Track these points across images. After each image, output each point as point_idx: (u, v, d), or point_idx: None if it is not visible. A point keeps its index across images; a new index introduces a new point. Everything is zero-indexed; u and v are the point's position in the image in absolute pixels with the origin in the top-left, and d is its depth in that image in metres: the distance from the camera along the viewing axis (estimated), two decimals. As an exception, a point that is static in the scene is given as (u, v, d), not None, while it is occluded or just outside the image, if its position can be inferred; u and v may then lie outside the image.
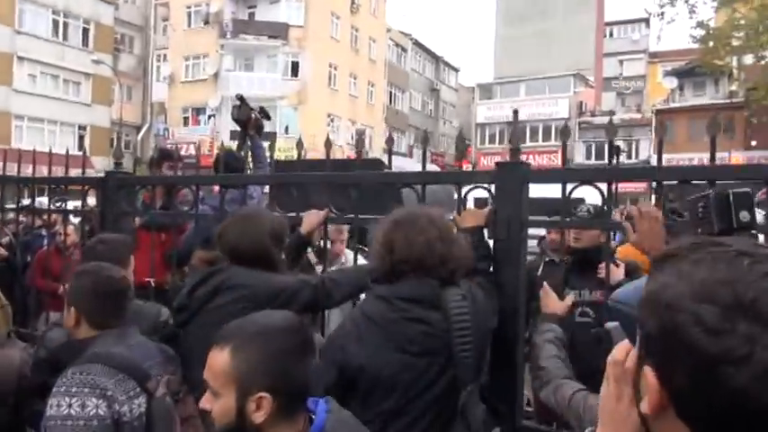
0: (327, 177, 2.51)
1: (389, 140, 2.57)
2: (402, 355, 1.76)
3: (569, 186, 2.07)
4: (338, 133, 27.78)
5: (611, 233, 2.56)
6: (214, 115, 27.52)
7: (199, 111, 29.10)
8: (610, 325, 0.95)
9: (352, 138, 28.89)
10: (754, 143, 21.67)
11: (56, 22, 27.26)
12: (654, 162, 1.90)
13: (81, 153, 3.79)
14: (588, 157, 28.63)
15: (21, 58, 25.75)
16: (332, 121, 29.20)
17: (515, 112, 2.24)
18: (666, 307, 0.63)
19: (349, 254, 3.48)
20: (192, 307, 2.13)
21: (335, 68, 29.83)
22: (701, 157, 21.60)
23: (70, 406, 1.63)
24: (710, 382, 0.59)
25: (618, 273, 2.69)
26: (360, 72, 31.83)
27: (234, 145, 3.96)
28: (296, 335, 1.29)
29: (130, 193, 3.20)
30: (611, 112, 31.09)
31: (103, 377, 1.70)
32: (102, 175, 3.28)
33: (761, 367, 0.57)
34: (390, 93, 35.35)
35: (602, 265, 2.38)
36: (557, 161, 28.45)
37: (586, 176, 2.04)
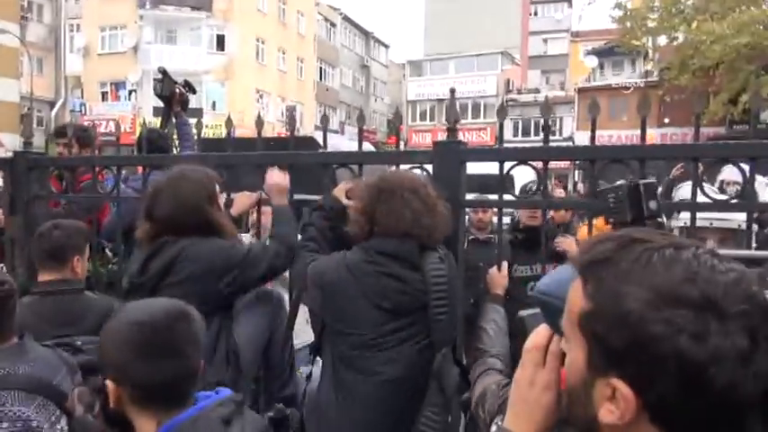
0: (261, 158, 2.41)
1: (325, 119, 2.50)
2: (374, 311, 1.80)
3: (506, 165, 2.09)
4: (268, 110, 27.11)
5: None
6: (135, 90, 26.19)
7: (118, 85, 27.59)
8: (523, 313, 0.98)
9: (283, 114, 28.30)
10: (667, 120, 22.88)
11: (-49, -13, 24.97)
12: (577, 139, 1.94)
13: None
14: (515, 134, 29.36)
15: None
16: (261, 97, 28.44)
17: (452, 91, 2.22)
18: (637, 319, 0.62)
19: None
20: (147, 286, 2.01)
21: (263, 42, 28.98)
22: (619, 134, 22.63)
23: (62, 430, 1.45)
24: (702, 385, 0.60)
25: (572, 245, 2.80)
26: (288, 47, 31.07)
27: (157, 122, 3.75)
28: (152, 333, 1.22)
29: (43, 175, 2.97)
30: (537, 90, 32.03)
31: (22, 405, 1.50)
32: (10, 155, 3.02)
33: (740, 358, 0.59)
34: (320, 69, 34.78)
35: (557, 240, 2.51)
36: (486, 138, 29.08)
37: (523, 156, 2.05)
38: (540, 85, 32.89)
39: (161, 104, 3.60)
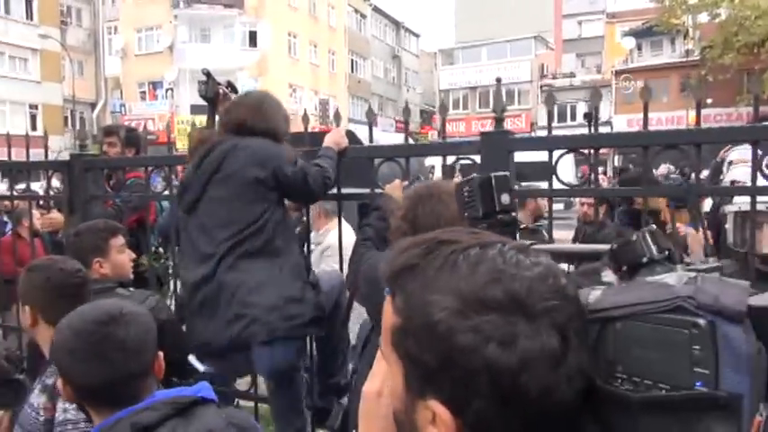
0: (311, 153, 2.45)
1: (370, 112, 2.52)
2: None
3: (556, 154, 2.08)
4: (301, 103, 27.32)
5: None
6: (172, 89, 26.70)
7: (156, 85, 28.18)
8: None
9: (316, 108, 28.48)
10: (709, 101, 22.20)
11: (-5, -5, 25.86)
12: (615, 124, 1.91)
13: (36, 133, 3.62)
14: (551, 120, 28.90)
15: (-39, 35, 24.43)
16: (294, 91, 28.67)
17: (498, 81, 2.23)
18: (444, 331, 0.56)
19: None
20: (197, 184, 2.16)
21: (295, 37, 29.17)
22: (659, 117, 22.01)
23: (65, 411, 1.57)
24: (517, 394, 0.55)
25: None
26: (320, 40, 31.20)
27: (195, 119, 3.83)
28: (81, 339, 1.31)
29: (98, 176, 3.09)
30: (572, 74, 31.38)
31: None
32: (54, 155, 3.15)
33: (551, 358, 0.55)
34: (352, 61, 34.83)
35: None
36: (521, 125, 28.67)
37: (572, 144, 2.03)
38: (576, 69, 32.22)
39: (198, 103, 3.68)
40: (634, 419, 0.59)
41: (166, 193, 2.82)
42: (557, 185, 2.09)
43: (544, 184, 2.09)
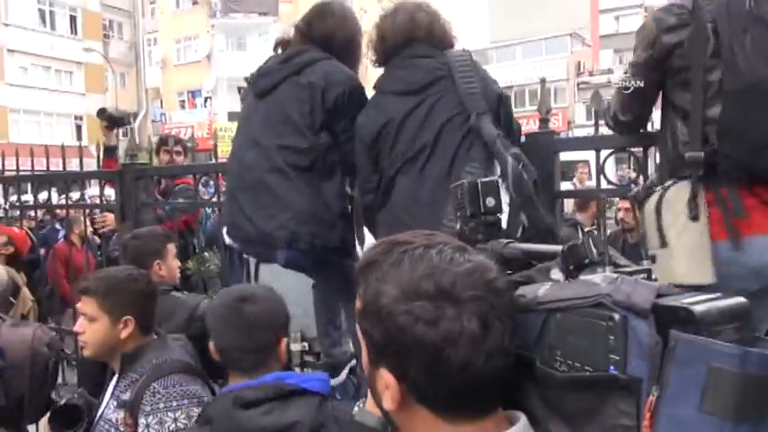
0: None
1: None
2: (401, 98, 1.92)
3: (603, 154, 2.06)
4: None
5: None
6: (210, 97, 27.28)
7: (194, 93, 28.85)
8: None
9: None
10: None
11: (42, 12, 26.85)
12: (656, 119, 1.88)
13: (80, 144, 3.77)
14: (588, 118, 28.41)
15: (10, 51, 25.43)
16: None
17: (543, 81, 2.20)
18: (387, 314, 0.70)
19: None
20: (281, 74, 2.12)
21: (329, 42, 29.46)
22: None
23: (176, 420, 1.59)
24: (441, 365, 0.68)
25: None
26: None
27: (234, 126, 3.93)
28: (225, 309, 1.58)
29: (149, 184, 3.19)
30: (610, 71, 30.77)
31: (195, 385, 1.69)
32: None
33: (471, 338, 0.68)
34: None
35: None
36: (558, 123, 28.26)
37: (621, 143, 2.01)
38: (614, 65, 31.58)
39: (235, 110, 3.77)
40: (561, 395, 0.72)
41: (214, 200, 2.89)
42: (604, 185, 2.07)
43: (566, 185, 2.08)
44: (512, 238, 1.79)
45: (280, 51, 2.30)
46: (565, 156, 2.17)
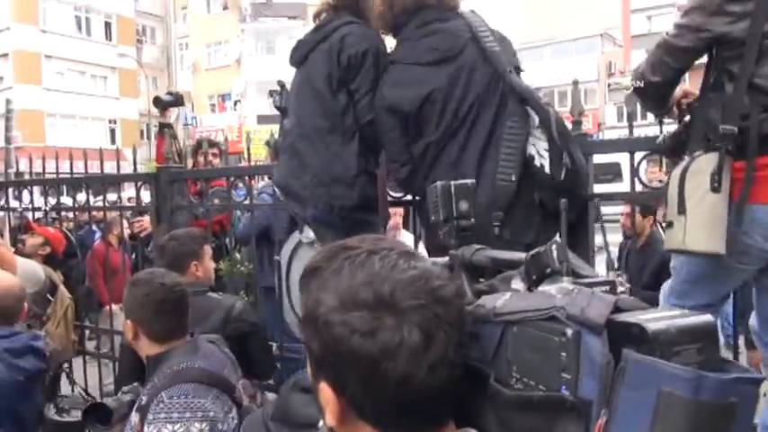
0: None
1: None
2: (438, 67, 1.91)
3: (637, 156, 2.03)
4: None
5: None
6: (239, 101, 27.64)
7: (224, 97, 29.27)
8: None
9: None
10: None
11: (78, 19, 27.60)
12: None
13: (117, 148, 3.87)
14: (620, 120, 27.99)
15: (48, 57, 26.20)
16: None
17: (575, 83, 2.19)
18: (323, 324, 0.66)
19: (406, 234, 3.49)
20: (313, 41, 2.15)
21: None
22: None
23: None
24: (379, 378, 0.63)
25: None
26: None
27: (263, 129, 3.98)
28: None
29: (183, 187, 3.25)
30: (641, 64, 30.15)
31: (201, 398, 1.61)
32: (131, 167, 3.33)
33: (411, 350, 0.63)
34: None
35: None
36: (588, 125, 27.87)
37: (654, 146, 1.98)
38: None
39: (264, 113, 3.83)
40: (511, 415, 0.67)
41: (246, 202, 2.94)
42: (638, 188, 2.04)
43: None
44: (556, 181, 1.83)
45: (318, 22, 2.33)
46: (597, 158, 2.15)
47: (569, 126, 2.10)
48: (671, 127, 2.02)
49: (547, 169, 1.85)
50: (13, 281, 2.23)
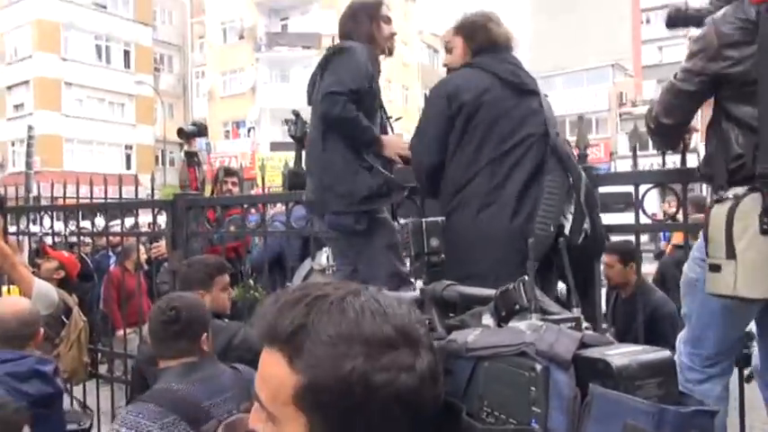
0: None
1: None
2: (510, 90, 2.08)
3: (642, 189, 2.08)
4: (375, 138, 27.89)
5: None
6: (253, 128, 27.99)
7: (239, 124, 29.67)
8: None
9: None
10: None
11: (98, 47, 28.26)
12: (701, 151, 1.90)
13: (135, 175, 3.97)
14: (635, 155, 27.95)
15: (68, 84, 26.79)
16: (368, 126, 29.34)
17: (580, 118, 2.26)
18: (359, 378, 0.64)
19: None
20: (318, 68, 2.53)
21: (369, 74, 29.99)
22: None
23: None
24: (420, 407, 0.67)
25: None
26: (394, 76, 31.88)
27: (275, 157, 4.07)
28: None
29: (198, 214, 3.33)
30: (653, 101, 30.27)
31: (149, 420, 1.61)
32: (148, 193, 3.42)
33: (433, 372, 0.67)
34: (425, 95, 35.17)
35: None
36: (600, 154, 27.91)
37: (661, 178, 2.03)
38: (657, 95, 31.15)
39: (277, 140, 3.93)
40: None
41: (259, 229, 3.01)
42: (643, 220, 2.09)
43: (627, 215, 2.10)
44: (573, 243, 1.89)
45: None
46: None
47: (576, 158, 2.17)
48: (675, 157, 2.08)
49: (566, 230, 1.92)
50: (22, 305, 2.24)
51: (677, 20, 1.97)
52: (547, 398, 0.64)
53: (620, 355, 0.63)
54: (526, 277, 0.82)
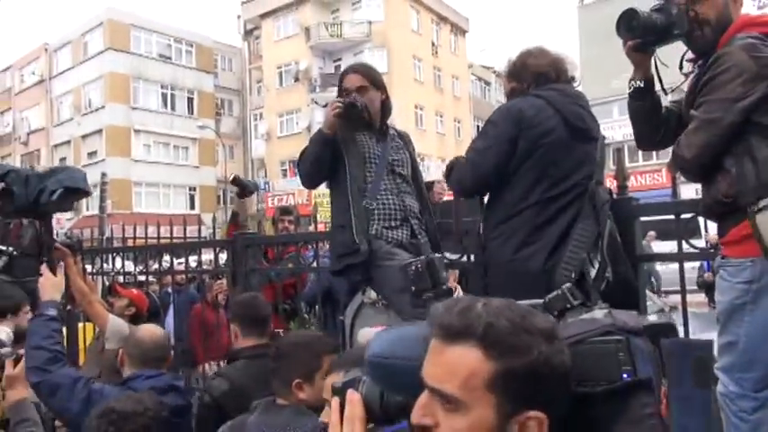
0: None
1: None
2: (574, 130, 2.11)
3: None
4: (428, 172, 28.07)
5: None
6: (309, 166, 28.65)
7: (295, 163, 30.41)
8: (338, 382, 1.05)
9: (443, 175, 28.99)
10: None
11: (164, 96, 29.97)
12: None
13: (198, 215, 4.21)
14: (675, 184, 26.87)
15: (137, 131, 28.44)
16: (422, 160, 29.56)
17: (618, 150, 2.30)
18: (545, 359, 0.82)
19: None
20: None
21: (421, 109, 30.40)
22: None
23: None
24: (570, 384, 0.87)
25: None
26: (445, 110, 32.21)
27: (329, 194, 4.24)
28: None
29: (257, 252, 3.51)
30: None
31: None
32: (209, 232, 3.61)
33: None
34: (478, 127, 35.35)
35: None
36: (662, 179, 27.04)
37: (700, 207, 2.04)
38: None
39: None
40: (597, 408, 0.88)
41: (314, 265, 3.15)
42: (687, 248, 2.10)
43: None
44: (596, 290, 1.91)
45: None
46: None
47: (614, 191, 2.21)
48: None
49: (590, 277, 1.94)
50: (160, 331, 2.53)
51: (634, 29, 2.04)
52: (632, 357, 0.87)
53: (661, 317, 0.88)
54: (567, 284, 1.19)
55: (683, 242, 2.09)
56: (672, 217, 2.10)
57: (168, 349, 2.50)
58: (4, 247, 2.30)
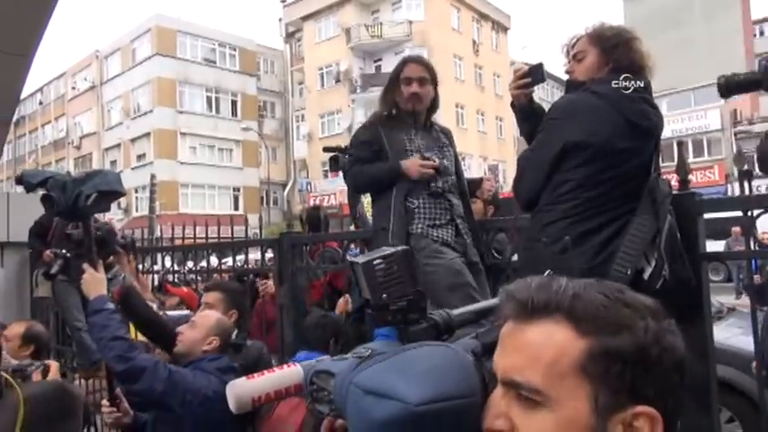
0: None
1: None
2: (627, 132, 1.97)
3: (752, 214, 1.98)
4: (470, 171, 27.84)
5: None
6: (351, 166, 28.84)
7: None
8: None
9: (485, 173, 28.77)
10: None
11: (209, 99, 30.63)
12: None
13: (245, 215, 4.25)
14: (742, 180, 25.87)
15: (183, 134, 29.16)
16: (463, 159, 29.30)
17: (680, 144, 2.19)
18: (653, 337, 0.64)
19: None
20: None
21: (462, 108, 30.18)
22: None
23: None
24: (682, 364, 0.65)
25: None
26: (487, 108, 31.87)
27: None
28: None
29: (302, 251, 3.52)
30: (773, 119, 28.04)
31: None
32: (255, 232, 3.63)
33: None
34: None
35: None
36: (714, 176, 26.13)
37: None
38: (778, 113, 28.84)
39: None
40: None
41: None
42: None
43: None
44: (652, 288, 1.82)
45: None
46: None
47: (675, 186, 2.11)
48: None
49: (646, 275, 1.86)
50: (216, 316, 2.61)
51: (731, 88, 1.88)
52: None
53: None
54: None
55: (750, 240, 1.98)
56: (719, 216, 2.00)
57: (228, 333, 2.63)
58: (59, 251, 2.42)
